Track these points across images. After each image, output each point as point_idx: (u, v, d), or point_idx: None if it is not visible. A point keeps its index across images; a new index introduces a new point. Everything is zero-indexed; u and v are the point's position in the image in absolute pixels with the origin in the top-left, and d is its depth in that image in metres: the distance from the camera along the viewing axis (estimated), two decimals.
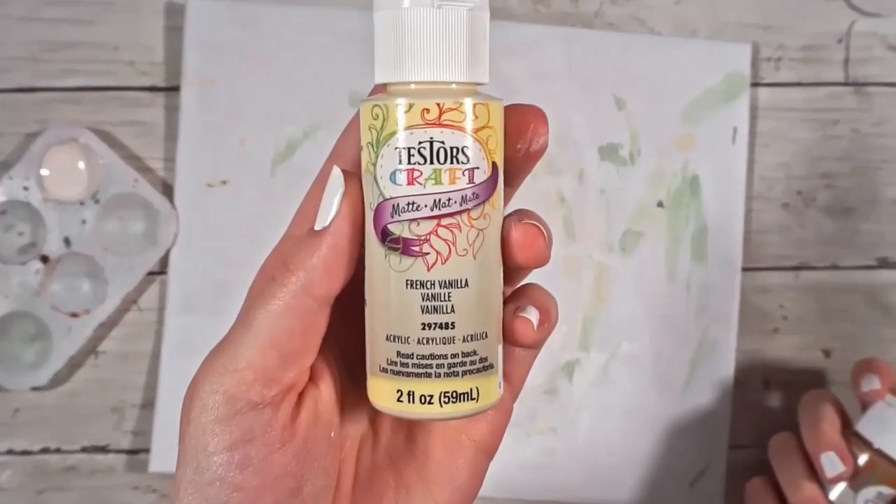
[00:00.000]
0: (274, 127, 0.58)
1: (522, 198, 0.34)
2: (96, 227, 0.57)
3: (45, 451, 0.59)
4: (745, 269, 0.61)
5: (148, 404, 0.59)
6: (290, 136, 0.59)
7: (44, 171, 0.57)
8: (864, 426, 0.52)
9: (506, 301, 0.32)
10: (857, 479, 0.51)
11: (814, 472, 0.52)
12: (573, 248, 0.60)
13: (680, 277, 0.60)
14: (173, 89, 0.59)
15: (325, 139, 0.58)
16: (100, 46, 0.59)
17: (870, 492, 0.50)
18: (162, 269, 0.59)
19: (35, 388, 0.58)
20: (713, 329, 0.60)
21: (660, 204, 0.60)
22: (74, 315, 0.57)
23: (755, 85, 0.61)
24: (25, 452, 0.59)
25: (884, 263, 0.62)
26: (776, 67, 0.61)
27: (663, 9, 0.61)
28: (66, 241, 0.57)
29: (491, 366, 0.30)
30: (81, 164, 0.57)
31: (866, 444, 0.51)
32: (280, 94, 0.58)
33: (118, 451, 0.59)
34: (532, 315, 0.31)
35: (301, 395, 0.31)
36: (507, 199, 0.33)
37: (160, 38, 0.59)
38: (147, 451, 0.58)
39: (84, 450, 0.59)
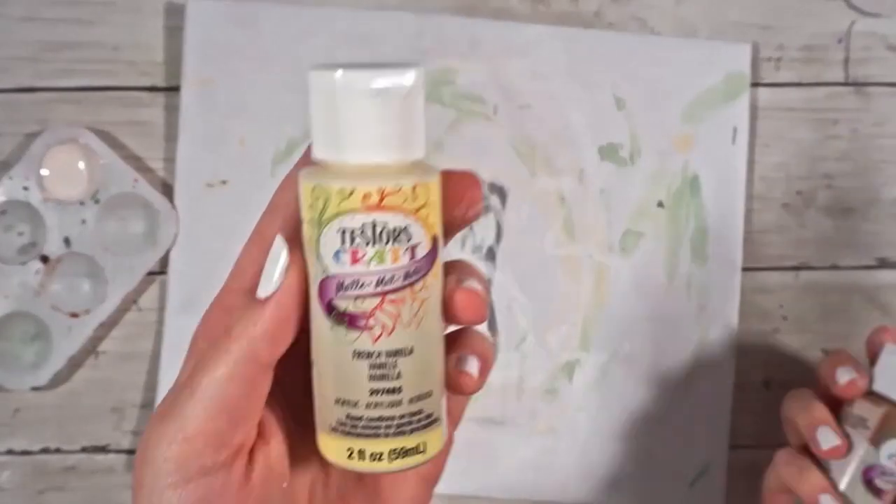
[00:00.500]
0: (274, 127, 0.58)
1: (522, 198, 0.34)
2: (96, 227, 0.57)
3: (45, 451, 0.59)
4: (745, 269, 0.61)
5: (148, 404, 0.59)
6: (290, 136, 0.59)
7: (44, 171, 0.57)
8: (876, 383, 0.51)
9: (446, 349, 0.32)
10: (878, 434, 0.50)
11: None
12: (573, 248, 0.60)
13: (680, 277, 0.60)
14: (173, 89, 0.59)
15: None
16: (100, 46, 0.59)
17: (893, 445, 0.50)
18: (162, 269, 0.59)
19: (35, 388, 0.58)
20: (713, 329, 0.60)
21: (660, 204, 0.60)
22: (74, 315, 0.57)
23: (755, 85, 0.61)
24: (25, 452, 0.59)
25: (884, 263, 0.62)
26: (776, 67, 0.61)
27: (663, 9, 0.61)
28: (66, 241, 0.57)
29: (436, 420, 0.31)
30: (81, 164, 0.57)
31: (882, 399, 0.50)
32: (280, 94, 0.58)
33: (118, 451, 0.59)
34: (473, 367, 0.32)
35: (251, 453, 0.32)
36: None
37: (160, 38, 0.59)
38: None
39: (84, 450, 0.59)
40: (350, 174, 0.29)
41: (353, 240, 0.28)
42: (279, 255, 0.30)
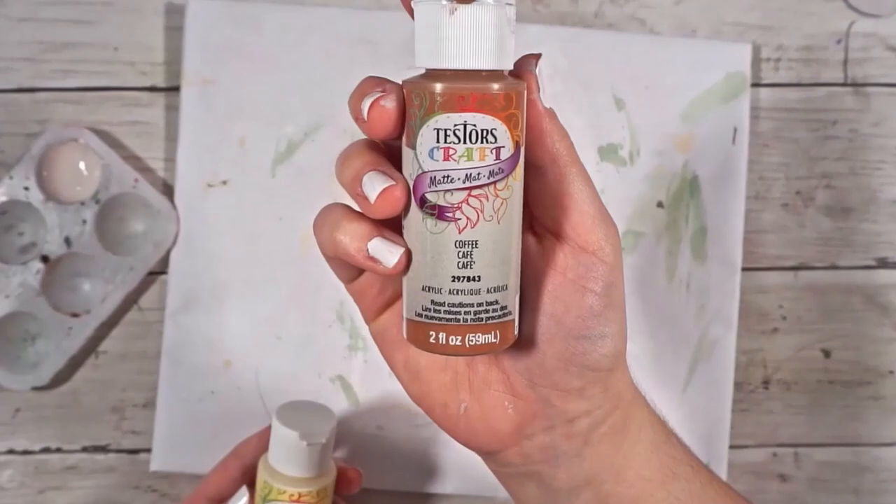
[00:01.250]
0: (274, 127, 0.58)
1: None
2: (96, 227, 0.57)
3: (45, 450, 0.59)
4: (744, 269, 0.61)
5: (148, 404, 0.59)
6: (290, 136, 0.59)
7: (44, 172, 0.57)
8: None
9: None
10: (410, 127, 0.33)
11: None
12: None
13: (680, 277, 0.60)
14: (173, 89, 0.59)
15: (325, 139, 0.59)
16: (100, 46, 0.59)
17: (427, 135, 0.32)
18: (162, 269, 0.59)
19: (35, 388, 0.58)
20: (713, 329, 0.60)
21: (660, 204, 0.60)
22: (74, 315, 0.57)
23: (755, 85, 0.61)
24: (26, 452, 0.59)
25: (883, 263, 0.62)
26: (776, 68, 0.61)
27: (663, 9, 0.61)
28: (67, 241, 0.58)
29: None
30: (81, 164, 0.57)
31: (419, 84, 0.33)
32: (280, 94, 0.58)
33: (118, 451, 0.59)
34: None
35: None
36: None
37: (160, 38, 0.59)
38: (147, 451, 0.58)
39: (84, 449, 0.59)
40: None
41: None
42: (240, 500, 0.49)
